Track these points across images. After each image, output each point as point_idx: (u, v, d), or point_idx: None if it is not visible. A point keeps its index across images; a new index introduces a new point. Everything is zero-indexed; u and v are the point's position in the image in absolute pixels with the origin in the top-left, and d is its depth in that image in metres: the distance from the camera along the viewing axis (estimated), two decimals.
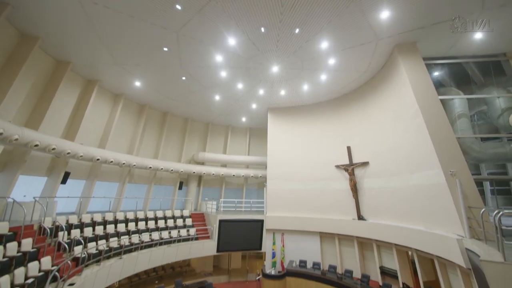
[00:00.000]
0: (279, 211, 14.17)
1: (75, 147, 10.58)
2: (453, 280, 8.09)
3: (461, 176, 7.94)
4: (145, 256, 10.62)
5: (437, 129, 8.78)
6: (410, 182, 9.87)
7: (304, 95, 14.41)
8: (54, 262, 7.61)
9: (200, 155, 17.66)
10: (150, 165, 14.37)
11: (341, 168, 13.36)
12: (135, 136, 15.03)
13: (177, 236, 12.66)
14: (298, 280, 11.59)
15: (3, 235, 7.17)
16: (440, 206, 8.39)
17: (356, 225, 11.86)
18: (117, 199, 13.76)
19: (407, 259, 10.46)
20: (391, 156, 11.01)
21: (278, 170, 15.12)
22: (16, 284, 6.07)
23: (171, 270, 14.33)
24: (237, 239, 13.88)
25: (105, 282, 8.74)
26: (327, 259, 12.73)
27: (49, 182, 10.89)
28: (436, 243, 8.07)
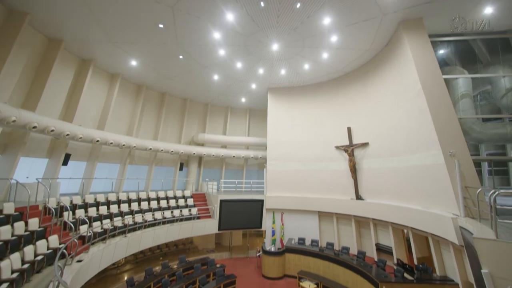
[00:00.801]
0: (279, 191, 14.44)
1: (74, 129, 10.52)
2: (446, 256, 8.43)
3: (460, 156, 7.98)
4: (149, 235, 10.98)
5: (439, 110, 8.67)
6: (409, 162, 9.95)
7: (305, 75, 14.08)
8: (61, 241, 7.88)
9: (200, 136, 17.64)
10: (150, 147, 14.40)
11: (340, 149, 13.41)
12: (133, 117, 14.91)
13: (179, 215, 13.01)
14: (297, 256, 12.09)
15: (10, 215, 7.35)
16: (437, 186, 8.52)
17: (354, 204, 12.14)
18: (119, 180, 13.95)
19: (403, 236, 10.83)
20: (391, 137, 10.99)
21: (278, 151, 15.18)
22: (27, 260, 6.32)
23: (175, 247, 14.90)
24: (238, 218, 14.28)
25: (112, 258, 9.11)
26: (325, 237, 13.18)
27: (51, 164, 10.98)
28: (431, 221, 8.30)
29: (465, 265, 7.45)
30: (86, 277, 7.56)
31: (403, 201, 10.07)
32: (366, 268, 9.50)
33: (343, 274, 10.34)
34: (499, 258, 4.58)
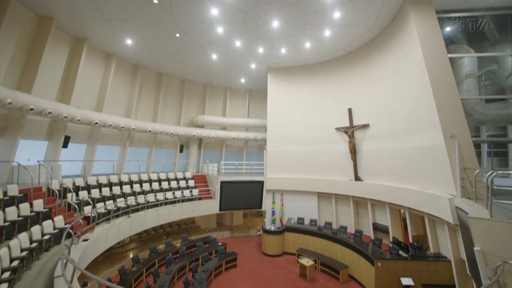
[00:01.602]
0: (279, 173, 14.60)
1: (72, 111, 10.40)
2: (440, 235, 8.70)
3: (460, 138, 7.95)
4: (151, 215, 11.26)
5: (442, 90, 8.51)
6: (409, 144, 9.97)
7: (306, 54, 13.66)
8: (66, 221, 8.09)
9: (199, 118, 17.51)
10: (150, 129, 14.34)
11: (341, 131, 13.36)
12: (131, 99, 14.70)
13: (180, 196, 13.26)
14: (296, 235, 12.50)
15: (15, 197, 7.48)
16: (435, 167, 8.59)
17: (353, 185, 12.33)
18: (120, 162, 14.05)
19: (399, 216, 11.12)
20: (391, 118, 10.92)
21: (278, 132, 15.14)
22: (34, 240, 6.53)
23: (178, 227, 15.37)
24: (238, 198, 14.57)
25: (117, 238, 9.42)
26: (323, 216, 13.54)
27: (51, 146, 10.99)
28: (428, 202, 8.47)
29: (458, 243, 7.71)
30: (93, 255, 7.86)
31: (401, 182, 10.22)
32: (363, 246, 9.85)
33: (340, 252, 10.75)
34: (492, 237, 4.70)
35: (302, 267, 10.34)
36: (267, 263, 11.66)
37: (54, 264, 5.79)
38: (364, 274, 9.36)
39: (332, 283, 9.85)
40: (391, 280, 8.37)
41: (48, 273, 5.60)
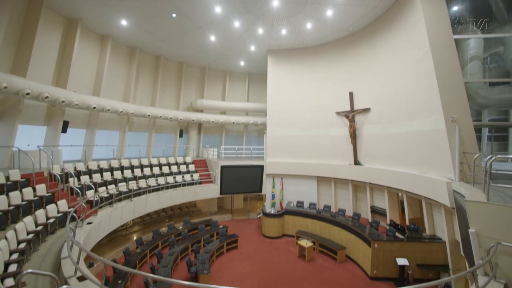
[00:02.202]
0: (279, 157, 14.67)
1: (69, 95, 10.25)
2: (436, 217, 8.90)
3: (461, 122, 7.91)
4: (153, 199, 11.44)
5: (446, 74, 8.34)
6: (409, 128, 9.94)
7: (307, 35, 13.23)
8: (70, 205, 8.22)
9: (198, 102, 17.32)
10: (148, 113, 14.23)
11: (341, 115, 13.26)
12: (129, 83, 14.45)
13: (181, 180, 13.40)
14: (295, 218, 12.79)
15: (17, 181, 7.55)
16: (435, 151, 8.62)
17: (352, 169, 12.43)
18: (120, 147, 14.07)
19: (397, 199, 11.31)
20: (393, 102, 10.80)
21: (278, 116, 15.04)
22: (39, 223, 6.66)
23: (179, 210, 15.68)
24: (239, 183, 14.75)
25: (120, 221, 9.63)
26: (322, 200, 13.78)
27: (50, 131, 10.94)
28: (426, 185, 8.58)
29: (453, 226, 7.90)
30: (97, 237, 8.07)
31: (400, 166, 10.29)
32: (360, 228, 10.11)
33: (338, 234, 11.05)
34: (487, 219, 4.80)
35: (301, 248, 10.67)
36: (267, 245, 12.02)
37: (60, 246, 5.94)
38: (361, 255, 9.68)
39: (329, 263, 10.21)
40: (387, 261, 8.67)
41: (55, 255, 5.77)
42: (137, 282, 8.49)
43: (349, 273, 9.43)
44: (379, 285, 8.50)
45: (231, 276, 9.16)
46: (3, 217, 6.13)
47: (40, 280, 4.65)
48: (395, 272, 8.55)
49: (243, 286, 8.21)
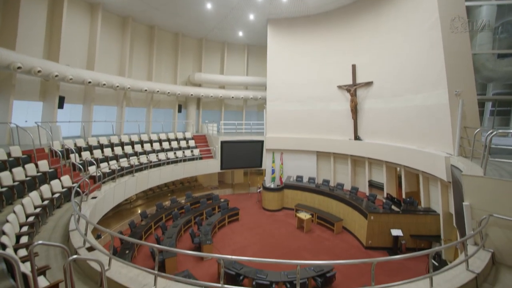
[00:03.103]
0: (279, 132, 14.65)
1: (62, 69, 9.91)
2: (432, 191, 9.13)
3: (465, 96, 7.76)
4: (155, 174, 11.62)
5: (454, 44, 7.99)
6: (411, 102, 9.81)
7: (310, 1, 12.41)
8: (73, 180, 8.36)
9: (196, 76, 16.85)
10: (145, 88, 13.91)
11: (343, 89, 12.99)
12: (123, 56, 13.91)
13: (182, 156, 13.51)
14: (295, 192, 13.12)
15: (19, 158, 7.59)
16: (436, 126, 8.58)
17: (352, 144, 12.49)
18: (119, 123, 13.96)
19: (395, 174, 11.52)
20: (396, 76, 10.54)
21: (278, 90, 14.74)
22: (45, 198, 6.82)
23: (181, 185, 16.03)
24: (239, 158, 14.89)
25: (123, 195, 9.87)
26: (321, 174, 14.02)
27: (46, 107, 10.76)
28: (424, 160, 8.68)
29: (448, 199, 8.13)
30: (102, 211, 8.33)
31: (399, 141, 10.32)
32: (358, 201, 10.42)
33: (336, 207, 11.41)
34: (482, 193, 4.92)
35: (300, 220, 11.09)
36: (267, 217, 12.48)
37: (68, 219, 6.15)
38: (357, 226, 10.09)
39: (327, 234, 10.69)
40: (382, 231, 9.06)
41: (63, 227, 6.00)
42: (144, 252, 8.94)
43: (345, 243, 9.92)
44: (373, 253, 8.99)
45: (232, 246, 9.63)
46: (9, 192, 6.25)
47: (51, 251, 4.87)
48: (389, 242, 8.98)
49: (244, 255, 8.66)
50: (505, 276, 4.28)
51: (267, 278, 6.52)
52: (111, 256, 4.23)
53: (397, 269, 7.73)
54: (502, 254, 4.59)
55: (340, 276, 7.30)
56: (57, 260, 4.58)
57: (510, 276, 4.28)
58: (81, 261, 4.47)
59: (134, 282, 3.80)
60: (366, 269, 7.55)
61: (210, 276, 7.67)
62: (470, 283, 3.95)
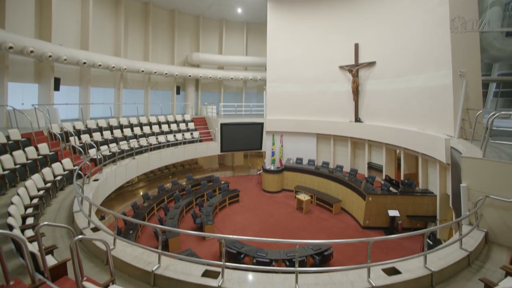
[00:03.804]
0: (279, 114, 14.53)
1: (56, 49, 9.60)
2: (431, 173, 9.23)
3: (469, 77, 7.60)
4: (155, 157, 11.67)
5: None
6: (414, 83, 9.67)
7: None
8: (74, 163, 8.41)
9: (194, 56, 16.40)
10: (142, 69, 13.58)
11: (345, 69, 12.71)
12: (118, 35, 13.44)
13: (182, 139, 13.50)
14: (294, 174, 13.27)
15: (18, 141, 7.57)
16: (437, 108, 8.51)
17: (352, 127, 12.44)
18: (117, 105, 13.79)
19: (394, 156, 11.59)
20: (400, 55, 10.30)
21: (278, 71, 14.44)
22: (48, 180, 6.90)
23: (182, 167, 16.16)
24: (239, 140, 14.89)
25: (125, 178, 9.98)
26: (321, 157, 14.11)
27: (42, 89, 10.56)
28: (424, 142, 8.69)
29: (446, 180, 8.23)
30: (105, 193, 8.46)
31: (400, 123, 10.29)
32: (356, 183, 10.57)
33: (335, 188, 11.60)
34: (480, 174, 4.97)
35: (299, 201, 11.32)
36: (267, 198, 12.73)
37: (71, 201, 6.26)
38: (355, 207, 10.32)
39: (325, 214, 10.96)
40: (379, 212, 9.28)
41: (67, 209, 6.12)
42: (147, 232, 9.21)
43: (343, 223, 10.20)
44: (370, 233, 9.27)
45: (233, 226, 9.91)
46: (11, 175, 6.30)
47: (57, 232, 5.00)
48: (386, 222, 9.23)
49: (245, 235, 8.94)
50: (496, 254, 4.44)
51: (267, 256, 6.78)
52: (115, 236, 4.35)
53: (393, 248, 8.01)
54: (495, 234, 4.74)
55: (337, 255, 7.58)
56: (63, 240, 4.71)
57: (500, 254, 4.44)
58: (86, 241, 4.61)
59: (139, 260, 3.94)
60: (363, 247, 7.78)
61: (212, 255, 7.97)
62: (462, 260, 4.10)
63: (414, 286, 3.62)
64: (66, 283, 3.25)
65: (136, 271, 3.83)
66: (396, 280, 3.57)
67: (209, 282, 3.47)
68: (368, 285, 3.43)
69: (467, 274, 3.99)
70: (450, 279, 3.87)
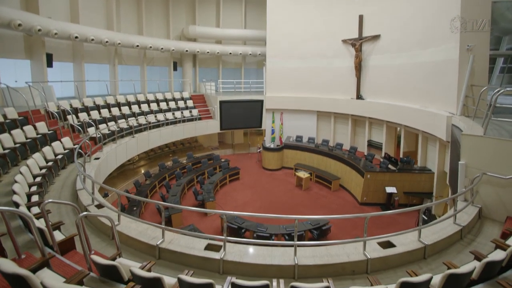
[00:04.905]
0: (279, 91, 14.26)
1: (45, 22, 9.14)
2: (430, 151, 9.29)
3: (477, 51, 7.33)
4: (155, 135, 11.64)
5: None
6: (419, 58, 9.40)
7: None
8: (74, 142, 8.39)
9: (190, 30, 15.70)
10: (137, 43, 13.06)
11: (348, 43, 12.24)
12: (109, 6, 12.75)
13: (181, 117, 13.38)
14: (294, 152, 13.35)
15: (15, 119, 7.49)
16: (441, 84, 8.33)
17: (353, 104, 12.28)
18: (113, 82, 13.47)
19: (394, 134, 11.59)
20: (406, 28, 9.88)
21: (278, 46, 13.93)
22: (49, 159, 6.94)
23: (182, 146, 16.21)
24: (239, 118, 14.77)
25: (126, 156, 10.04)
26: (321, 134, 14.09)
27: (35, 66, 10.24)
28: (426, 119, 8.63)
29: (445, 158, 8.30)
30: (107, 171, 8.56)
31: (402, 101, 10.14)
32: (356, 161, 10.67)
33: (334, 166, 11.73)
34: (479, 152, 4.99)
35: (299, 179, 11.51)
36: (267, 176, 12.93)
37: (74, 179, 6.35)
38: (353, 184, 10.51)
39: (324, 191, 11.20)
40: (377, 189, 9.47)
41: (70, 186, 6.23)
42: (150, 209, 9.47)
43: (341, 199, 10.46)
44: (367, 209, 9.54)
45: (234, 203, 10.17)
46: (12, 154, 6.31)
47: (63, 208, 5.14)
48: (383, 198, 9.46)
49: (245, 212, 9.21)
50: (488, 228, 4.61)
51: (267, 231, 7.04)
52: (119, 212, 4.47)
53: (389, 223, 8.30)
54: (489, 209, 4.87)
55: (335, 229, 7.87)
56: (69, 217, 4.85)
57: (492, 228, 4.61)
58: (92, 217, 4.75)
59: (143, 235, 4.09)
60: (360, 223, 8.09)
61: (214, 230, 8.27)
62: (455, 234, 4.26)
63: (407, 258, 3.80)
64: (75, 256, 3.39)
65: (142, 245, 3.99)
66: (390, 252, 3.74)
67: (212, 255, 3.63)
68: (363, 257, 3.60)
69: (459, 247, 4.17)
70: (442, 251, 4.05)
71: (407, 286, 2.47)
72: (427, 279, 2.50)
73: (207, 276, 2.70)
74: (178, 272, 2.99)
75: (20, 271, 1.92)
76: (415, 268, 3.44)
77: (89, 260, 2.90)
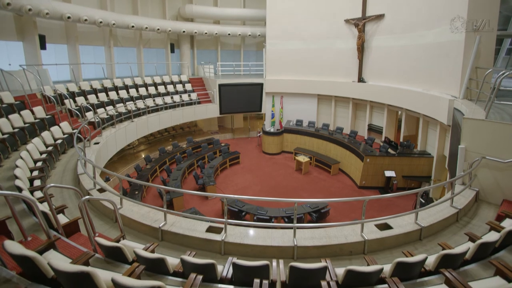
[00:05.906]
0: (279, 74, 13.99)
1: (36, 1, 8.76)
2: (430, 135, 9.27)
3: (484, 31, 7.08)
4: (154, 119, 11.56)
5: None
6: (423, 40, 9.15)
7: None
8: (73, 127, 8.34)
9: (187, 9, 15.11)
10: (132, 24, 12.61)
11: (350, 23, 11.83)
12: None
13: (180, 100, 13.21)
14: (294, 136, 13.32)
15: (12, 104, 7.39)
16: (445, 66, 8.16)
17: (355, 87, 12.09)
18: (109, 65, 13.15)
19: (395, 117, 11.50)
20: (411, 6, 9.57)
21: (279, 26, 13.49)
22: (48, 144, 6.93)
23: (181, 130, 16.14)
24: (238, 102, 14.60)
25: (125, 141, 10.02)
26: (321, 118, 14.00)
27: (28, 48, 9.95)
28: (428, 103, 8.53)
29: (445, 142, 8.30)
30: (107, 156, 8.59)
31: (405, 84, 9.99)
32: (355, 145, 10.67)
33: (334, 150, 11.75)
34: (479, 136, 4.98)
35: (299, 163, 11.58)
36: (267, 160, 13.00)
37: (75, 164, 6.38)
38: (353, 168, 10.59)
39: (324, 175, 11.31)
40: (376, 173, 9.55)
41: (72, 171, 6.27)
42: (152, 192, 9.60)
43: (340, 183, 10.59)
44: (365, 192, 9.69)
45: (234, 187, 10.30)
46: (11, 139, 6.29)
47: (65, 193, 5.20)
48: (382, 182, 9.57)
49: (245, 195, 9.35)
50: (483, 211, 4.71)
51: (267, 214, 7.18)
52: (121, 196, 4.53)
53: (387, 206, 8.45)
54: (486, 193, 4.94)
55: (333, 212, 8.03)
56: (72, 201, 4.92)
57: (488, 210, 4.70)
58: (94, 201, 4.82)
59: (146, 218, 4.17)
60: (358, 206, 8.25)
61: (215, 213, 8.44)
62: (451, 217, 4.36)
63: (403, 240, 3.91)
64: (80, 238, 3.48)
65: (144, 228, 4.08)
66: (387, 234, 3.84)
67: (213, 237, 3.73)
68: (361, 239, 3.70)
69: (454, 229, 4.28)
70: (438, 233, 4.15)
71: (402, 266, 2.56)
72: (422, 259, 2.58)
73: (209, 257, 2.78)
74: (180, 254, 3.08)
75: (27, 252, 1.98)
76: (410, 249, 3.54)
77: (94, 242, 2.97)
